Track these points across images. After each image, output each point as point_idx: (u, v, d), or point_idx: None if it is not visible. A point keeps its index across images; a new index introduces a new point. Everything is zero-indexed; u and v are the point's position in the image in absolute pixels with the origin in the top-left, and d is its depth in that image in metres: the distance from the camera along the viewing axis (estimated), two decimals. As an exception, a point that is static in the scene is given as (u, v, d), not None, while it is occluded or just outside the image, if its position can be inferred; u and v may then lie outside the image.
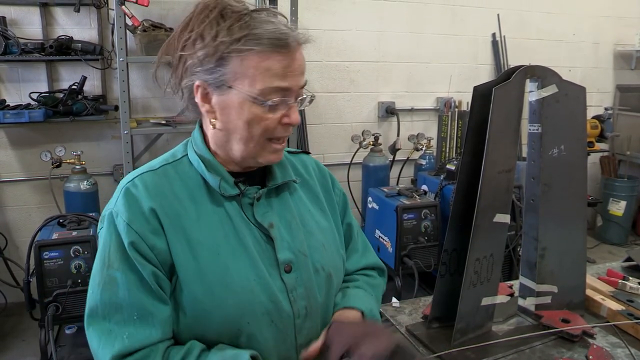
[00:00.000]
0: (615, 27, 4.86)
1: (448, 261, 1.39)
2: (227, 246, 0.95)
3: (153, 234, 0.91)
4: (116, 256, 0.90)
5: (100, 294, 0.90)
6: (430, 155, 3.98)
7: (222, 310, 0.92)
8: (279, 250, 0.99)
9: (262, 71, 0.89)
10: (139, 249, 0.90)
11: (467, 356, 1.29)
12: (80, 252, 2.42)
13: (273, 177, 1.05)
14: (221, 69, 0.90)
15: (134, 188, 0.94)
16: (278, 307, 0.97)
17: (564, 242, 1.47)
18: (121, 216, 0.91)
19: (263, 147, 0.95)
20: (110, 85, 3.42)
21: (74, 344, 2.72)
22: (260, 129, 0.93)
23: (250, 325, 0.94)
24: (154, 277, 0.91)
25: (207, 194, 0.98)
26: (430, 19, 4.16)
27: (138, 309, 0.89)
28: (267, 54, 0.88)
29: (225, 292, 0.92)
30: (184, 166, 1.00)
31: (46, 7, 3.21)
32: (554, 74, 1.38)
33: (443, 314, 1.41)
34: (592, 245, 4.52)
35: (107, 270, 0.90)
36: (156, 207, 0.92)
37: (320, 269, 1.04)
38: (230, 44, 0.88)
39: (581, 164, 1.47)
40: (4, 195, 3.39)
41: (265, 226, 0.99)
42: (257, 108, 0.91)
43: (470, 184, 1.31)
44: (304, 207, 1.08)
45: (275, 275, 0.98)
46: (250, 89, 0.89)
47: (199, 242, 0.93)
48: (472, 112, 1.31)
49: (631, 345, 1.32)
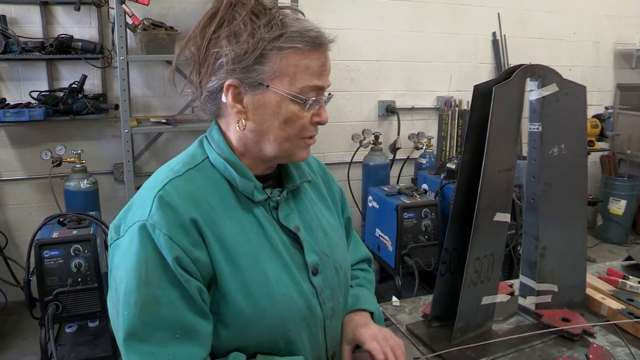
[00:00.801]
0: (616, 26, 4.86)
1: (448, 260, 1.39)
2: (264, 253, 0.93)
3: (195, 247, 0.86)
4: (156, 273, 0.83)
5: (139, 314, 0.82)
6: (430, 154, 3.98)
7: (265, 320, 0.90)
8: (307, 252, 0.98)
9: (302, 69, 0.88)
10: (183, 265, 0.84)
11: (467, 355, 1.29)
12: (80, 251, 2.42)
13: (290, 178, 1.03)
14: (260, 66, 0.87)
15: (168, 196, 0.86)
16: (312, 311, 0.96)
17: (564, 241, 1.47)
18: (160, 229, 0.83)
19: (297, 145, 0.94)
20: (111, 84, 3.42)
21: (74, 342, 2.72)
22: (297, 128, 0.92)
23: (290, 332, 0.93)
24: (199, 292, 0.86)
25: (235, 200, 0.94)
26: (430, 18, 4.16)
27: (181, 327, 0.84)
28: (307, 53, 0.88)
29: (268, 302, 0.90)
30: (207, 170, 0.95)
31: (46, 5, 3.21)
32: (555, 73, 1.37)
33: (443, 313, 1.41)
34: (592, 244, 4.52)
35: (145, 289, 0.82)
36: (196, 217, 0.86)
37: (339, 267, 1.05)
38: (271, 41, 0.86)
39: (581, 163, 1.47)
40: (4, 194, 3.39)
41: (292, 229, 0.98)
42: (295, 107, 0.90)
43: (470, 183, 1.31)
44: (316, 207, 1.08)
45: (305, 279, 0.97)
46: (290, 87, 0.88)
47: (237, 251, 0.89)
48: (473, 111, 1.31)
49: (631, 344, 1.32)
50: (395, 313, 1.51)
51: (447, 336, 1.34)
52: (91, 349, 2.68)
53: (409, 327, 1.42)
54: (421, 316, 1.49)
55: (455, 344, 1.32)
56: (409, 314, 1.51)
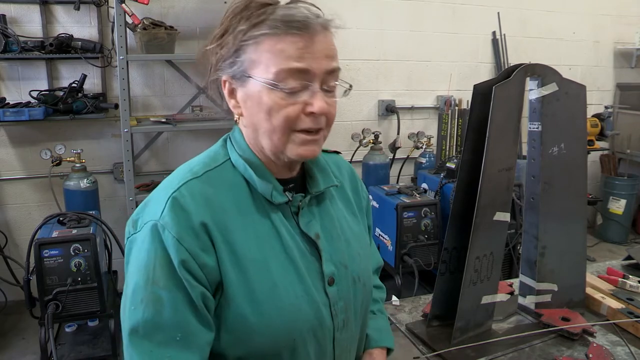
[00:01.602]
0: (616, 25, 4.86)
1: (448, 259, 1.39)
2: (276, 261, 0.90)
3: (203, 251, 0.85)
4: (162, 273, 0.83)
5: (143, 311, 0.83)
6: (430, 154, 3.98)
7: (269, 329, 0.88)
8: (324, 262, 0.95)
9: (276, 54, 0.84)
10: (189, 269, 0.83)
11: (467, 354, 1.29)
12: (80, 250, 2.42)
13: (315, 183, 0.99)
14: (239, 59, 0.87)
15: (182, 198, 0.86)
16: (321, 322, 0.93)
17: (564, 240, 1.47)
18: (169, 231, 0.83)
19: (289, 139, 0.88)
20: (111, 84, 3.42)
21: (73, 342, 2.73)
22: (280, 119, 0.85)
23: (295, 342, 0.90)
24: (202, 298, 0.85)
25: (252, 203, 0.92)
26: (430, 18, 4.15)
27: (182, 330, 0.83)
28: (281, 36, 0.84)
29: (274, 311, 0.88)
30: (227, 172, 0.93)
31: (46, 5, 3.21)
32: (554, 72, 1.37)
33: (443, 312, 1.41)
34: (592, 243, 4.52)
35: (151, 288, 0.83)
36: (207, 221, 0.85)
37: (357, 279, 1.01)
38: (246, 32, 0.85)
39: (581, 162, 1.47)
40: (4, 194, 3.38)
41: (312, 237, 0.95)
42: (275, 94, 0.85)
43: (470, 183, 1.31)
44: (341, 214, 1.04)
45: (320, 289, 0.94)
46: (266, 74, 0.84)
47: (247, 258, 0.88)
48: (473, 111, 1.31)
49: (631, 343, 1.32)
50: (395, 312, 1.51)
51: (446, 335, 1.35)
52: (91, 349, 2.68)
53: (408, 326, 1.42)
54: (421, 315, 1.49)
55: (455, 343, 1.32)
56: (409, 314, 1.51)
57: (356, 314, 1.02)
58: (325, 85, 0.87)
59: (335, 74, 0.88)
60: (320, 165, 1.01)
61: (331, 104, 0.88)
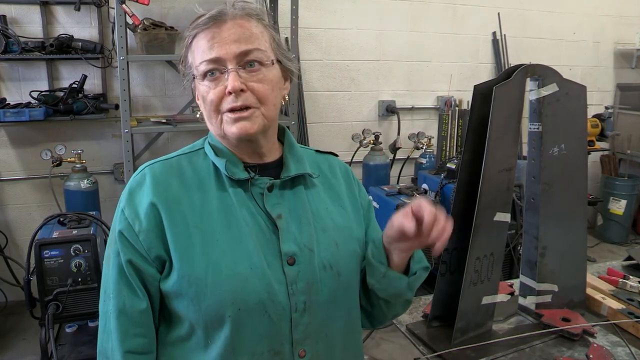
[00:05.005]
0: (616, 25, 4.86)
1: (448, 260, 1.39)
2: (226, 233, 0.97)
3: (145, 222, 0.96)
4: (112, 237, 1.00)
5: (103, 266, 1.02)
6: (430, 154, 3.98)
7: (213, 294, 0.94)
8: (283, 241, 0.99)
9: (196, 51, 0.97)
10: (124, 237, 0.97)
11: (468, 355, 1.29)
12: (80, 251, 2.42)
13: (287, 169, 1.06)
14: (188, 64, 1.01)
15: (141, 178, 1.01)
16: (273, 299, 0.96)
17: (565, 240, 1.47)
18: (123, 201, 1.00)
19: (222, 120, 0.99)
20: (111, 84, 3.42)
21: (74, 342, 2.72)
22: (209, 103, 0.98)
23: (241, 312, 0.94)
24: (130, 265, 0.96)
25: (215, 182, 1.01)
26: (430, 18, 4.16)
27: (112, 291, 0.98)
28: (199, 35, 0.97)
29: (217, 276, 0.94)
30: (198, 157, 1.05)
31: (47, 5, 3.21)
32: (555, 72, 1.38)
33: (443, 312, 1.41)
34: (592, 244, 4.52)
35: (108, 248, 1.01)
36: (156, 200, 0.97)
37: (328, 266, 1.03)
38: (186, 39, 1.00)
39: (581, 162, 1.47)
40: (4, 194, 3.39)
41: (273, 216, 1.00)
42: (203, 85, 0.98)
43: (470, 183, 1.31)
44: (320, 204, 1.08)
45: (276, 266, 0.98)
46: (196, 71, 0.98)
47: (196, 227, 0.96)
48: (473, 111, 1.31)
49: (631, 344, 1.32)
50: (396, 313, 1.51)
51: (447, 336, 1.35)
52: (91, 349, 2.67)
53: (409, 327, 1.42)
54: (421, 316, 1.49)
55: (455, 343, 1.32)
56: (409, 314, 1.51)
57: (330, 304, 1.02)
58: (244, 66, 0.96)
59: (252, 54, 0.96)
60: (296, 155, 1.09)
61: (255, 80, 0.97)
